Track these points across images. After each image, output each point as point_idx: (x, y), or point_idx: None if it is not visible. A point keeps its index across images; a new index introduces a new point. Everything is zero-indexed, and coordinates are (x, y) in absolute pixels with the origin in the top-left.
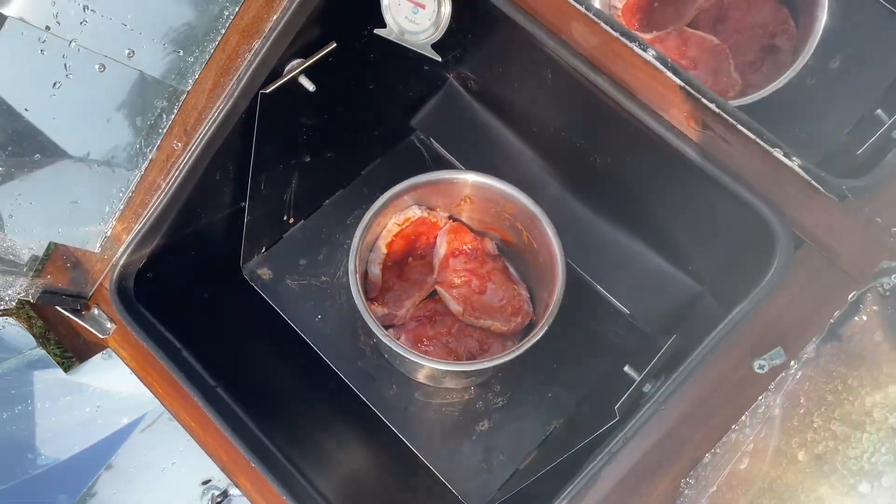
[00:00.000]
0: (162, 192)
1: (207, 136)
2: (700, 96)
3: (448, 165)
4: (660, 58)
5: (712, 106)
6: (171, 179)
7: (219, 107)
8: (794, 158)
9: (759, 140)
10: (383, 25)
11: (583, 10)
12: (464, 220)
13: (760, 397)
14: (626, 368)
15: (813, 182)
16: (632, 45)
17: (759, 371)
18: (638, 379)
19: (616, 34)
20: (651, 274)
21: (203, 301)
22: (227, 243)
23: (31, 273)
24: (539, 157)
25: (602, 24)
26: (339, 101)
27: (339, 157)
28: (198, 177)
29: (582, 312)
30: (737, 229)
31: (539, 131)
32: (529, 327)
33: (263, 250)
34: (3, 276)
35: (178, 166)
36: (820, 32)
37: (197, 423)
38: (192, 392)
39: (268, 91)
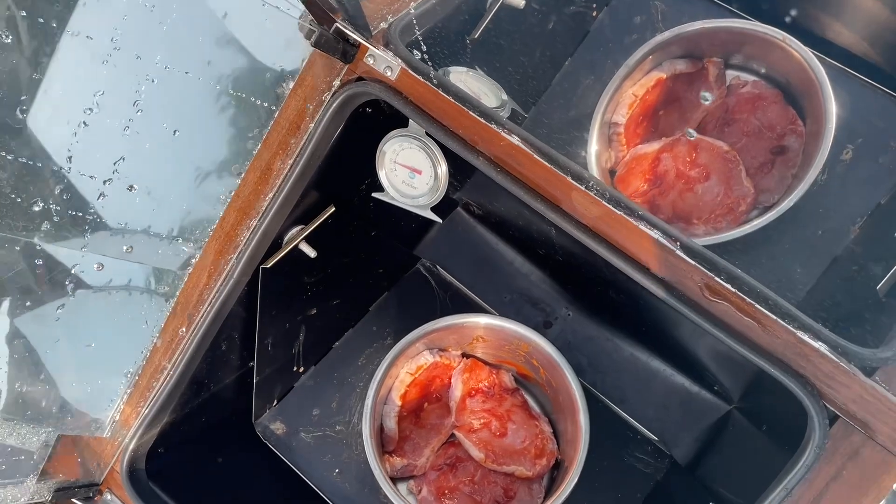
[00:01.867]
0: (168, 374)
1: (210, 315)
2: (714, 276)
3: (455, 291)
4: (667, 235)
5: (728, 286)
6: (176, 361)
7: (220, 287)
8: (820, 343)
9: (780, 321)
10: (381, 186)
11: (583, 188)
12: (478, 355)
13: None
14: None
15: (841, 363)
16: (637, 223)
17: None
18: None
19: (620, 212)
20: (675, 394)
21: (217, 465)
22: (237, 402)
23: (41, 466)
24: (548, 277)
25: (604, 203)
26: (341, 256)
27: (346, 300)
28: (203, 353)
29: (608, 441)
30: (766, 383)
31: (546, 254)
32: (556, 464)
33: (275, 403)
34: (13, 486)
35: (182, 348)
36: (832, 133)
37: None
38: None
39: (268, 265)
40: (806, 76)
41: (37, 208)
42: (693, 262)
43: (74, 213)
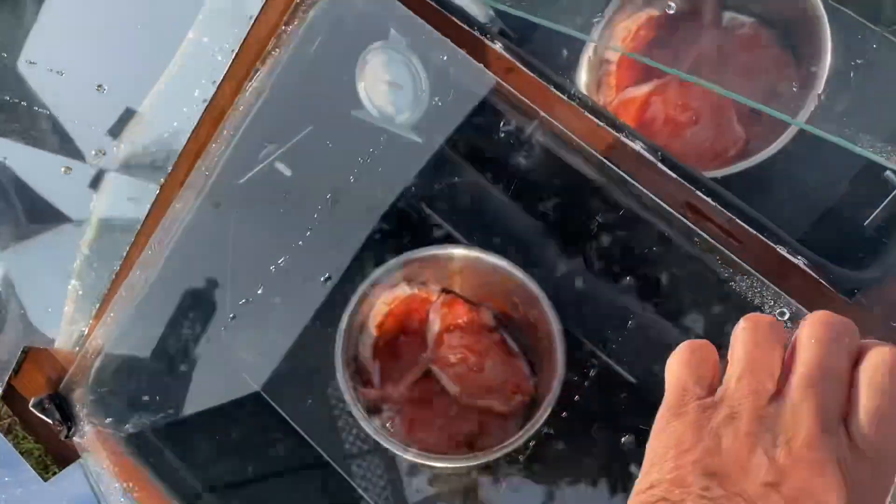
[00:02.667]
0: (138, 290)
1: (181, 230)
2: (695, 189)
3: (440, 232)
4: (650, 148)
5: (709, 200)
6: (146, 277)
7: (192, 200)
8: (800, 257)
9: (761, 236)
10: (361, 104)
11: (566, 99)
12: (457, 291)
13: None
14: (633, 469)
15: (820, 280)
16: (619, 135)
17: None
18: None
19: (602, 124)
20: (656, 338)
21: (185, 377)
22: (209, 328)
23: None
24: (537, 218)
25: (586, 113)
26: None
27: (325, 234)
28: (171, 271)
29: (585, 383)
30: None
31: (536, 195)
32: (532, 403)
33: (251, 332)
34: None
35: (152, 264)
36: (824, 79)
37: None
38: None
39: (241, 181)
40: (804, 16)
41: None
42: (673, 175)
43: (39, 109)
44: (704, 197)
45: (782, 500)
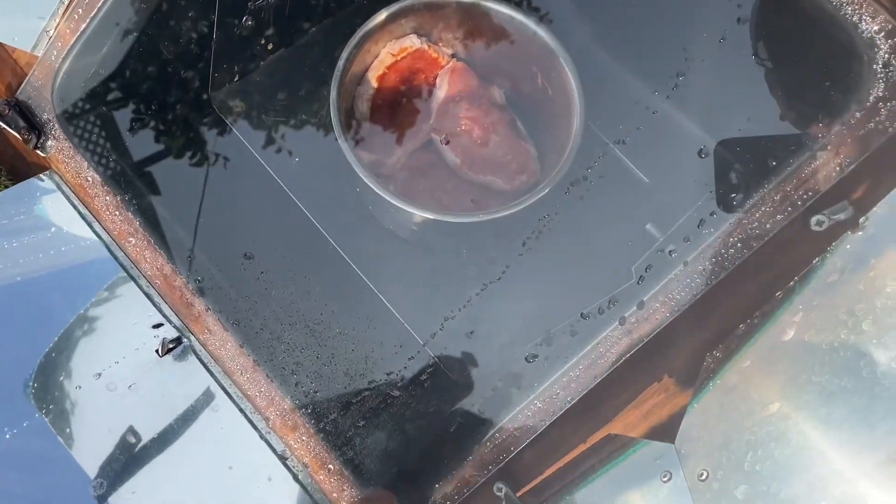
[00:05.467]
0: None
1: None
2: None
3: None
4: None
5: None
6: None
7: None
8: None
9: None
10: None
11: None
12: (470, 60)
13: (816, 260)
14: (648, 227)
15: None
16: None
17: (817, 228)
18: (661, 238)
19: None
20: (680, 142)
21: (164, 127)
22: (195, 65)
23: None
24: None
25: None
26: None
27: None
28: None
29: (597, 179)
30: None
31: None
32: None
33: (236, 79)
34: None
35: None
36: None
37: (148, 262)
38: (142, 227)
39: None
40: None
41: None
42: None
43: None
44: None
45: None
